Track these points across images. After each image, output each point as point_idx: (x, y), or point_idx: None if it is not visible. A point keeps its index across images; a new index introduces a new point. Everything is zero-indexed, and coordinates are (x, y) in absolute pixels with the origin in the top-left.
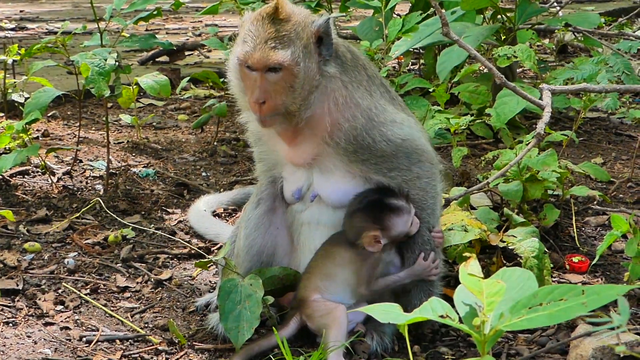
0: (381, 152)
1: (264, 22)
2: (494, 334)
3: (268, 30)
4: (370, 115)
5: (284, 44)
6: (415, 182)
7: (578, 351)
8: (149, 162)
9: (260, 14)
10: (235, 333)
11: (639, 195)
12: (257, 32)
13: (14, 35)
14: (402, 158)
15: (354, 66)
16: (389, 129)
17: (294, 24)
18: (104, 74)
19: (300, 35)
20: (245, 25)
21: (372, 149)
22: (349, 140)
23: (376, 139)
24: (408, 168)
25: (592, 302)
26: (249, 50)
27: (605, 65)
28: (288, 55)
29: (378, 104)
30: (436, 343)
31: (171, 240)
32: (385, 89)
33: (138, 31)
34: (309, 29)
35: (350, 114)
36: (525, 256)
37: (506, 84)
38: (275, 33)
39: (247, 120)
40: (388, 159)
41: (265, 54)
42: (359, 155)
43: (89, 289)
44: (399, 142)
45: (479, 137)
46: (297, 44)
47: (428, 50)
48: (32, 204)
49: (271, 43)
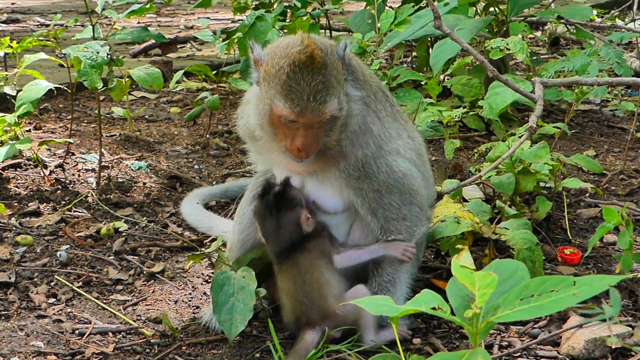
0: (379, 184)
1: (304, 74)
2: (485, 325)
3: (312, 83)
4: (380, 143)
5: (330, 94)
6: (399, 224)
7: (570, 343)
8: (141, 155)
9: (295, 63)
10: (228, 325)
11: (631, 188)
12: (301, 88)
13: (6, 28)
14: (395, 195)
15: (363, 82)
16: (393, 159)
17: (330, 67)
18: (96, 67)
19: (337, 77)
20: (279, 76)
21: (373, 179)
22: (357, 167)
23: (381, 169)
24: (398, 207)
25: (583, 293)
26: (298, 109)
27: (597, 56)
28: (336, 105)
29: (385, 128)
30: (428, 335)
31: (163, 233)
32: (387, 100)
33: (130, 24)
34: (338, 64)
35: (365, 141)
36: (517, 248)
37: (498, 77)
38: (320, 85)
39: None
40: (382, 194)
41: (316, 111)
42: (359, 182)
43: (82, 282)
44: (399, 177)
45: (471, 130)
46: (338, 87)
47: (420, 43)
48: (24, 196)
49: (319, 97)
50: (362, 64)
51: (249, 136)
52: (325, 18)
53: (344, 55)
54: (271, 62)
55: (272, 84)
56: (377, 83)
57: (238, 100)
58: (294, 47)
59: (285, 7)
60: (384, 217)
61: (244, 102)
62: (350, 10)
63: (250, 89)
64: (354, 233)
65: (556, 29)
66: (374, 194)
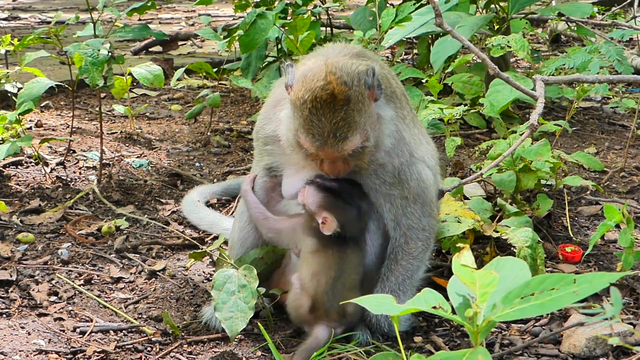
0: (409, 192)
1: (324, 111)
2: (486, 324)
3: (332, 120)
4: (411, 150)
5: (352, 129)
6: (419, 233)
7: (571, 341)
8: (142, 153)
9: (317, 100)
10: (230, 323)
11: (632, 185)
12: (322, 125)
13: (7, 25)
14: (418, 205)
15: (391, 94)
16: (422, 167)
17: (353, 101)
18: (97, 64)
19: (362, 109)
20: (302, 110)
21: (405, 185)
22: (393, 174)
23: (413, 177)
24: (419, 218)
25: (584, 291)
26: (319, 145)
27: (597, 53)
28: (358, 139)
29: (412, 134)
30: (430, 333)
31: (165, 231)
32: (408, 104)
33: (131, 21)
34: (365, 95)
35: (400, 149)
36: (518, 246)
37: (499, 75)
38: (341, 122)
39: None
40: (409, 202)
41: (336, 147)
42: (391, 188)
43: (83, 280)
44: (426, 187)
45: (472, 127)
46: (362, 120)
47: (421, 40)
48: (25, 194)
49: (340, 134)
50: (386, 70)
51: (272, 139)
52: (326, 15)
53: (372, 82)
54: (297, 93)
55: (296, 115)
56: (401, 89)
57: (239, 97)
58: (318, 81)
59: (287, 4)
60: (407, 226)
61: (270, 103)
62: (352, 7)
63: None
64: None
65: (557, 26)
66: (402, 200)
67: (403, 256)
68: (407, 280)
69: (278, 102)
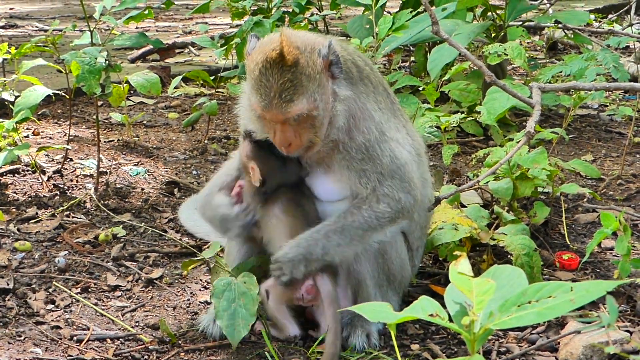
0: (382, 167)
1: (273, 71)
2: (483, 332)
3: (279, 81)
4: (382, 129)
5: (298, 92)
6: (390, 202)
7: (568, 349)
8: (139, 161)
9: (267, 60)
10: (231, 331)
11: (628, 193)
12: (269, 84)
13: (4, 33)
14: (396, 180)
15: (360, 79)
16: (396, 146)
17: (303, 65)
18: (94, 72)
19: (311, 75)
20: (254, 71)
21: (377, 162)
22: (360, 149)
23: (385, 153)
24: (396, 190)
25: (581, 299)
26: (265, 105)
27: (594, 60)
28: (304, 104)
29: (385, 118)
30: (426, 341)
31: (162, 239)
32: (389, 97)
33: (128, 29)
34: (317, 63)
35: (366, 127)
36: (515, 254)
37: (496, 83)
38: (288, 83)
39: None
40: (385, 177)
41: (281, 109)
42: (362, 164)
43: (80, 288)
44: (401, 164)
45: (469, 135)
46: (311, 86)
47: (418, 48)
48: (22, 202)
49: (285, 95)
50: (361, 61)
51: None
52: (323, 23)
53: (327, 53)
54: (252, 56)
55: (249, 77)
56: (379, 79)
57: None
58: (271, 44)
59: (283, 12)
60: (382, 192)
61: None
62: (348, 15)
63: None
64: None
65: (554, 33)
66: (377, 175)
67: (367, 209)
68: (354, 232)
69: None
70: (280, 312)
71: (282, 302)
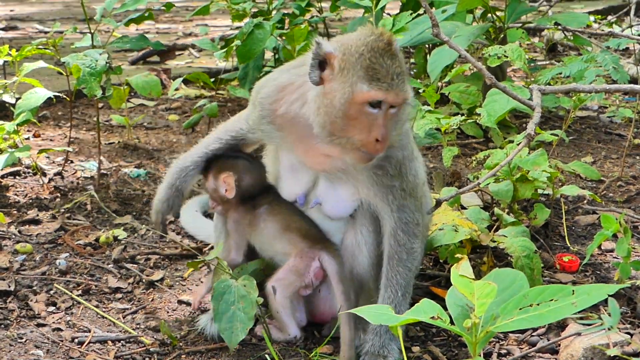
0: (407, 184)
1: (385, 57)
2: (484, 335)
3: (394, 65)
4: (412, 147)
5: (405, 78)
6: (415, 229)
7: (569, 351)
8: (140, 163)
9: (375, 49)
10: (229, 334)
11: (629, 194)
12: (387, 68)
13: (4, 35)
14: (412, 199)
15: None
16: (419, 165)
17: (400, 54)
18: (95, 75)
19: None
20: (361, 62)
21: (404, 179)
22: (396, 166)
23: (410, 172)
24: (412, 212)
25: (582, 302)
26: (387, 86)
27: (594, 62)
28: (410, 89)
29: (411, 133)
30: (427, 343)
31: (163, 241)
32: None
33: (129, 31)
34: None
35: (406, 142)
36: (515, 256)
37: (496, 85)
38: (399, 69)
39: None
40: (407, 195)
41: (401, 91)
42: (392, 180)
43: (81, 290)
44: (420, 184)
45: (469, 137)
46: (407, 74)
47: (418, 50)
48: (23, 204)
49: (401, 79)
50: None
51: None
52: (323, 25)
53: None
54: (348, 52)
55: (352, 71)
56: None
57: (237, 107)
58: (369, 37)
59: (284, 14)
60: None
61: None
62: (348, 17)
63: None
64: (346, 241)
65: (553, 35)
66: (401, 192)
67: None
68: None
69: (284, 87)
70: (286, 308)
71: (290, 293)
